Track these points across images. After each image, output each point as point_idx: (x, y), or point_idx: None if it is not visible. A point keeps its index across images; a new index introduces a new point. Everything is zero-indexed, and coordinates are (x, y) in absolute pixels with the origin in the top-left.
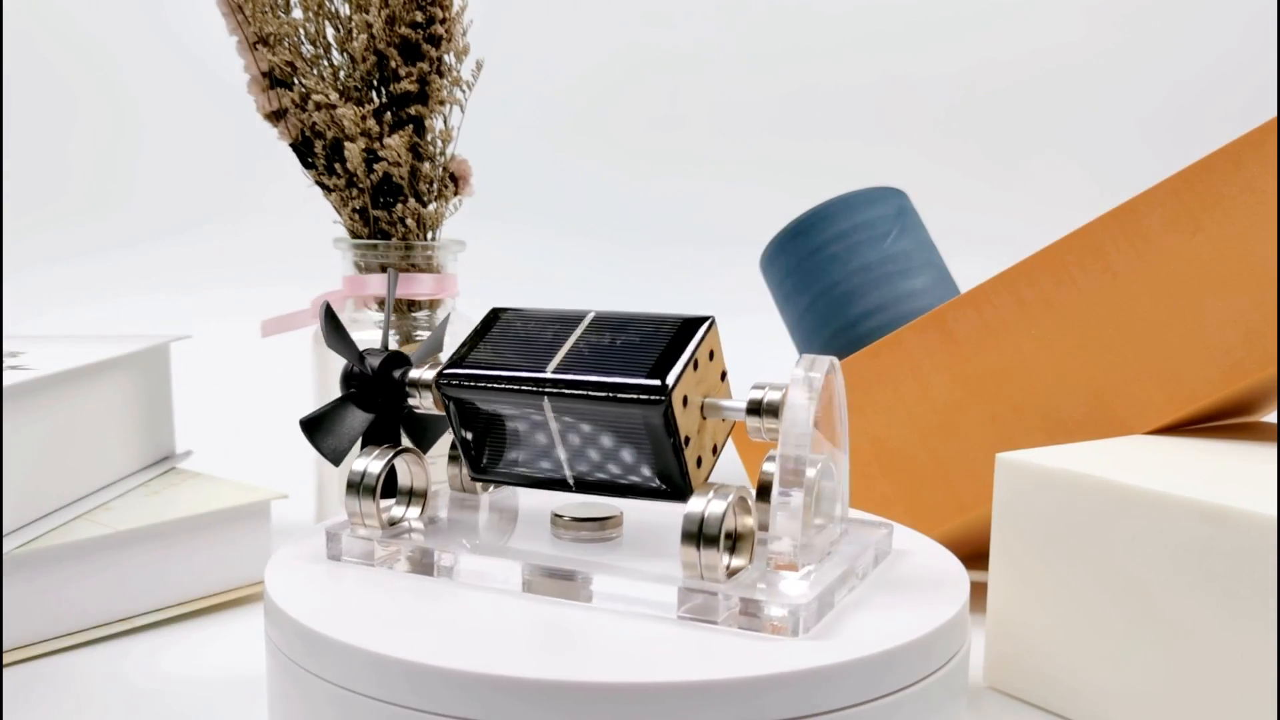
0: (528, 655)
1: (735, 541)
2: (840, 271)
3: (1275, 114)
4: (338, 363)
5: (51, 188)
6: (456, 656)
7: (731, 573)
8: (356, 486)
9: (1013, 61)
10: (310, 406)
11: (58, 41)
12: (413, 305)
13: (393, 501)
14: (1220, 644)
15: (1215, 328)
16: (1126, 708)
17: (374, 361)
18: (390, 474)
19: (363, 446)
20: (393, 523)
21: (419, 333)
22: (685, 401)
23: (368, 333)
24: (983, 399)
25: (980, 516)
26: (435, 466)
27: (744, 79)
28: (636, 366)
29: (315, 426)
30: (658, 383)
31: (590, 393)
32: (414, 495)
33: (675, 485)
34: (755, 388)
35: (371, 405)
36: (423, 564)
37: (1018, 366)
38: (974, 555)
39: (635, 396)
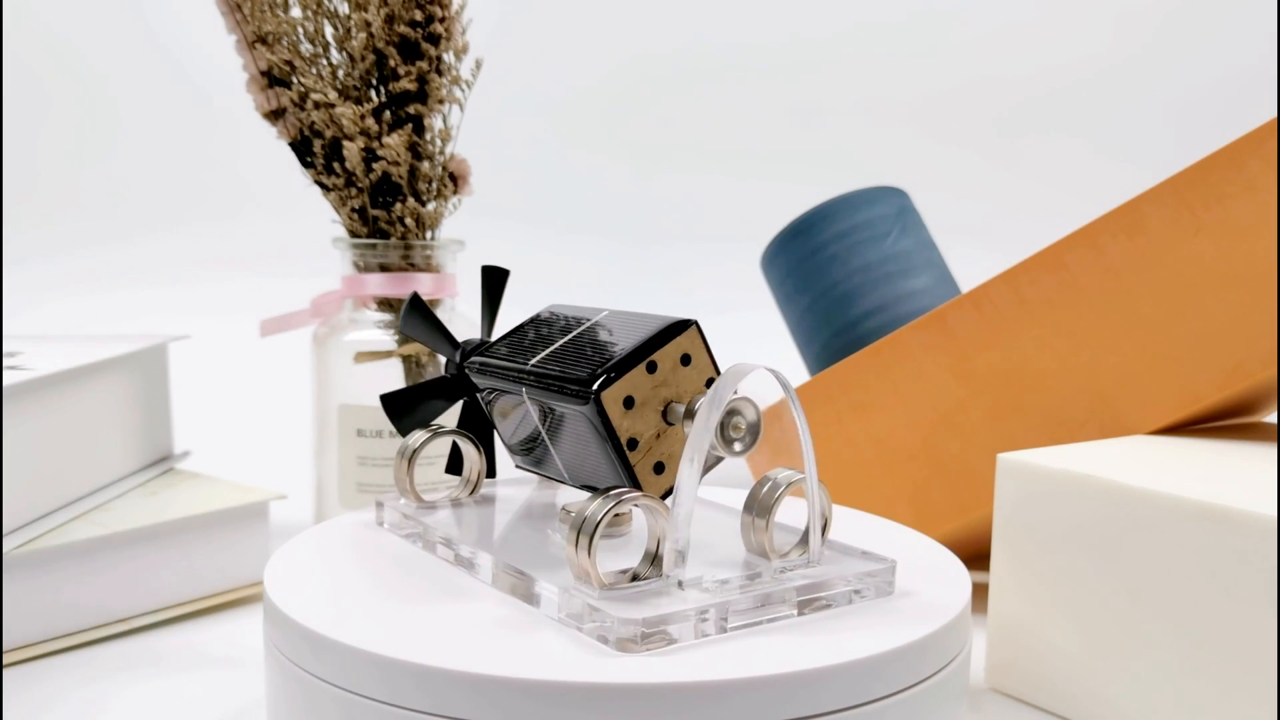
0: (469, 651)
1: (658, 551)
2: (840, 271)
3: (1276, 113)
4: (337, 363)
5: (50, 183)
6: (441, 656)
7: (631, 579)
8: (400, 455)
9: (1015, 61)
10: (309, 407)
11: (57, 38)
12: None
13: (459, 480)
14: (1221, 644)
15: (1217, 327)
16: (1128, 709)
17: (466, 348)
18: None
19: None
20: (450, 497)
21: None
22: (630, 403)
23: (367, 332)
24: (984, 399)
25: (982, 517)
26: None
27: (745, 77)
28: (590, 365)
29: (395, 404)
30: (592, 383)
31: (545, 386)
32: (469, 477)
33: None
34: (697, 396)
35: (451, 393)
36: (433, 546)
37: (1019, 366)
38: (975, 556)
39: (573, 389)
